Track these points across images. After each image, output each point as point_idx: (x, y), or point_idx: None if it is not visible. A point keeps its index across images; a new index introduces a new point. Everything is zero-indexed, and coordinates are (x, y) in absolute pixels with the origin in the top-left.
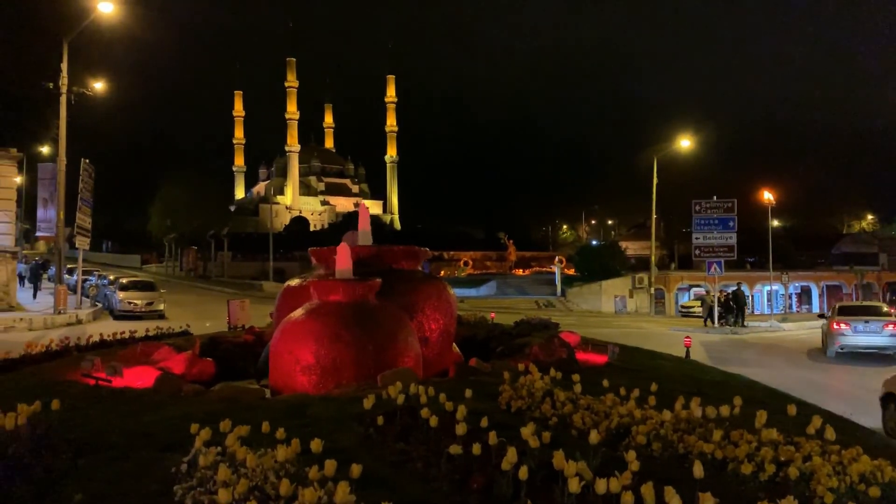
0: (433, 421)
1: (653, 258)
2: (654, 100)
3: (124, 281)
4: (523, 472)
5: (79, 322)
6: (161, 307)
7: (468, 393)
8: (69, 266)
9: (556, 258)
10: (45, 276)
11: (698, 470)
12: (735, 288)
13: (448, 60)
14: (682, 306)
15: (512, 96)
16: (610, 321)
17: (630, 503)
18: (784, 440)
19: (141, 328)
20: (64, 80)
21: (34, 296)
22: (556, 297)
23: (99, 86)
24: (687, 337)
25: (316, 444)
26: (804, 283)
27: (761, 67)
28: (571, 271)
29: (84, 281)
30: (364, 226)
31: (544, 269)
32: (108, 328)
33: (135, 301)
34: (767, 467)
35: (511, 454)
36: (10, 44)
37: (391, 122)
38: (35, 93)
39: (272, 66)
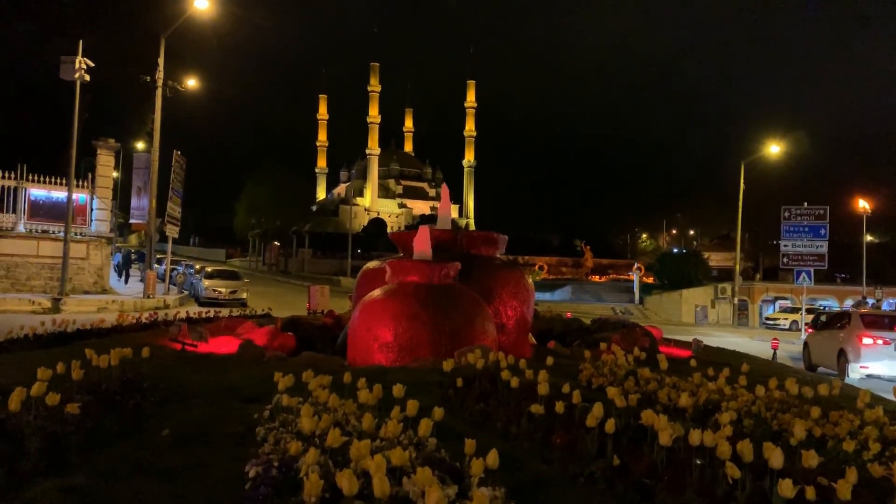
0: (514, 382)
1: (737, 266)
2: (744, 108)
3: (210, 270)
4: (609, 426)
5: (166, 306)
6: (244, 296)
7: (547, 370)
8: (158, 256)
9: (635, 265)
10: (136, 266)
11: (799, 429)
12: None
13: (529, 66)
14: (768, 318)
15: (593, 103)
16: (690, 330)
17: (727, 454)
18: (890, 421)
19: (225, 312)
20: (160, 74)
21: (126, 282)
22: (634, 305)
23: (192, 83)
24: (774, 338)
25: (398, 390)
26: None
27: (856, 74)
28: (650, 279)
29: (172, 270)
30: (444, 210)
31: (622, 276)
32: (194, 312)
33: (219, 289)
34: (872, 446)
35: (597, 409)
36: (111, 41)
37: (470, 126)
38: (133, 88)
39: (356, 71)
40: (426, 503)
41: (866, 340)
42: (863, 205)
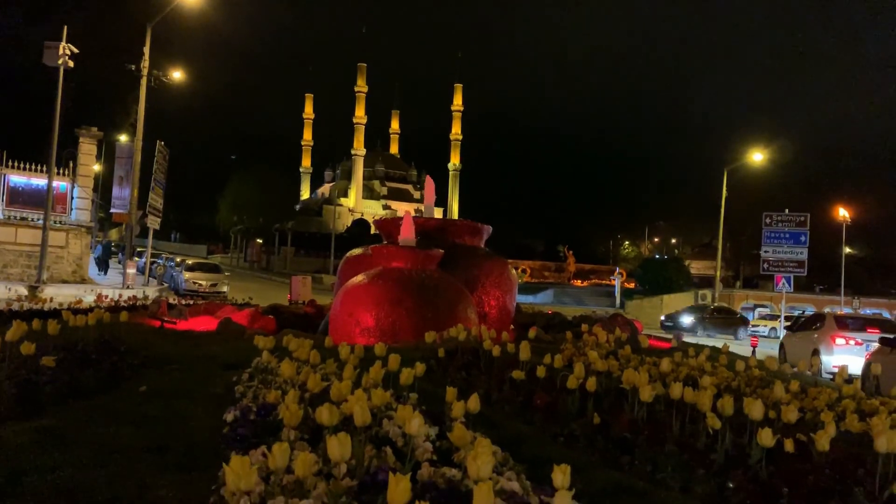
0: (496, 351)
1: (717, 273)
2: (728, 116)
3: (190, 262)
4: (591, 384)
5: (145, 297)
6: (224, 289)
7: (530, 348)
8: (139, 249)
9: (617, 270)
10: (116, 258)
11: (779, 389)
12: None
13: (516, 72)
14: None
15: (578, 110)
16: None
17: (707, 406)
18: (867, 396)
19: None
20: (145, 63)
21: (105, 273)
22: (615, 309)
23: (177, 75)
24: (753, 336)
25: (380, 348)
26: (876, 311)
27: (842, 88)
28: (631, 285)
29: (152, 263)
30: (429, 201)
31: (603, 281)
32: (173, 300)
33: (199, 281)
34: (849, 416)
35: (578, 369)
36: (96, 29)
37: (456, 130)
38: (117, 78)
39: (343, 70)
40: (407, 430)
41: (839, 340)
42: (842, 213)
